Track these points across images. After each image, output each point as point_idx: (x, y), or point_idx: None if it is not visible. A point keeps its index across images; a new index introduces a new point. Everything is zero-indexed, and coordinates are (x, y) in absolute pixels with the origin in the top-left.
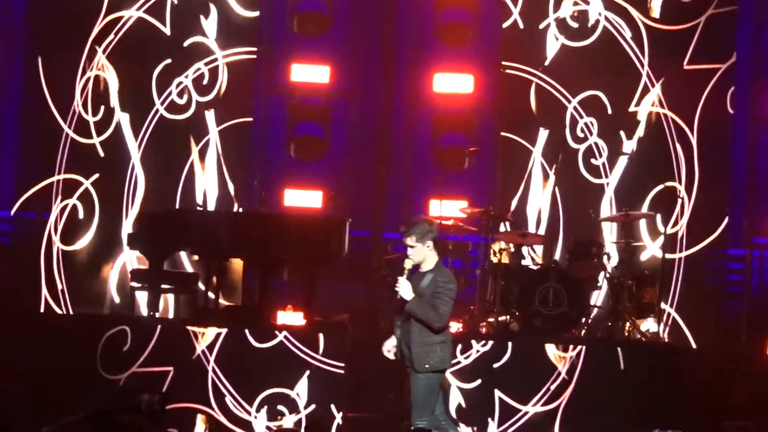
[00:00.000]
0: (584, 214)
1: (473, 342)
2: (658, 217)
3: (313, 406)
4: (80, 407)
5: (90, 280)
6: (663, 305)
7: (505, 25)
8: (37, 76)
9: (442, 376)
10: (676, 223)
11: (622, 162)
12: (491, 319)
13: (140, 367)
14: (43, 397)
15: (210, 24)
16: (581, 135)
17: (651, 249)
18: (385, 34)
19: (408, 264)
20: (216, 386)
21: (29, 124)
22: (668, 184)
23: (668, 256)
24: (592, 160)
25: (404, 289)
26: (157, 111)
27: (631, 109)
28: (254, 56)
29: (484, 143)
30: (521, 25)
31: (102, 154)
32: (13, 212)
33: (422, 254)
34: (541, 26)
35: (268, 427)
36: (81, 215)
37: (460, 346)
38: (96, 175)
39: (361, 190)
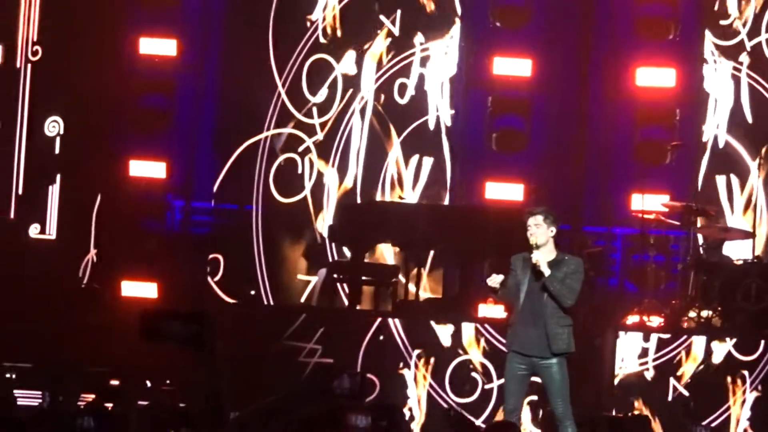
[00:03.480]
0: None
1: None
2: None
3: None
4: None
5: (292, 267)
6: None
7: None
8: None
9: None
10: None
11: None
12: (692, 314)
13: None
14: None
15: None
16: None
17: None
18: (585, 26)
19: (533, 240)
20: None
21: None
22: None
23: None
24: None
25: (542, 260)
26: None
27: None
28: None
29: (687, 137)
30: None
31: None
32: (213, 201)
33: (545, 237)
34: None
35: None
36: (299, 170)
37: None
38: (320, 136)
39: (561, 183)
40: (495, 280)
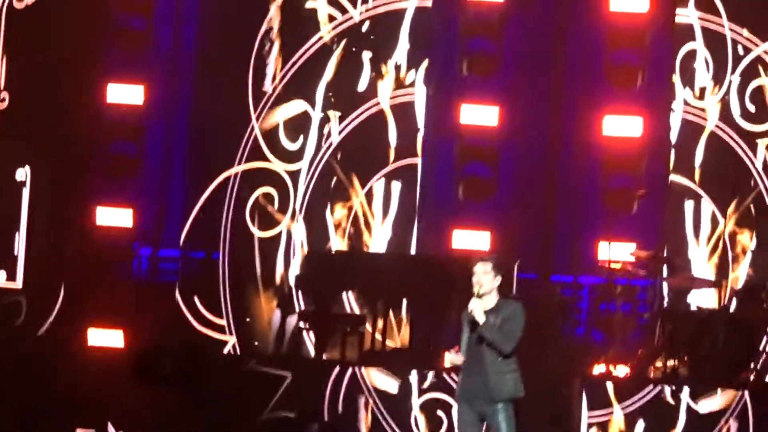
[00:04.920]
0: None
1: None
2: None
3: None
4: None
5: (260, 313)
6: None
7: None
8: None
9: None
10: None
11: None
12: (659, 364)
13: None
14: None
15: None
16: None
17: None
18: (554, 75)
19: (476, 289)
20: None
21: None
22: None
23: None
24: None
25: (477, 309)
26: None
27: None
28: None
29: (654, 186)
30: None
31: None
32: (181, 244)
33: (490, 285)
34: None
35: None
36: (276, 205)
37: None
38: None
39: (529, 231)
40: (454, 359)
